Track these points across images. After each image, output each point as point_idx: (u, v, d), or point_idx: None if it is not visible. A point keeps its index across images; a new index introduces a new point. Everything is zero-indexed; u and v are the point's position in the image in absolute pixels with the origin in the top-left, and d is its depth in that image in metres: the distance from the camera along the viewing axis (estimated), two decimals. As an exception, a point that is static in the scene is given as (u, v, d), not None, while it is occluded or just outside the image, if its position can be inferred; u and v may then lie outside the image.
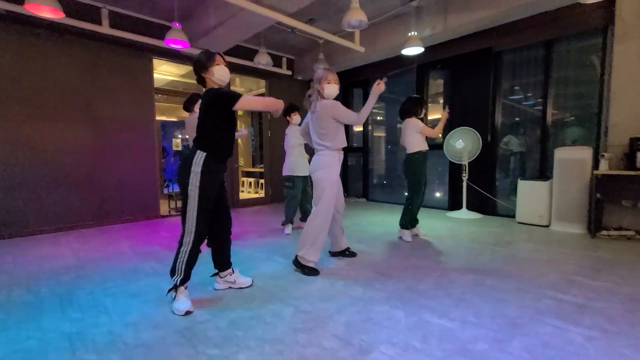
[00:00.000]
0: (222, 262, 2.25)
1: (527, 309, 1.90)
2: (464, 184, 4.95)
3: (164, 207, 5.62)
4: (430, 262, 2.79)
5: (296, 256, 2.61)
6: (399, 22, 4.93)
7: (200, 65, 2.04)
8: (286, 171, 3.98)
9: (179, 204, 5.62)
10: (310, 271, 2.53)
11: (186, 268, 1.96)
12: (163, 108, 7.12)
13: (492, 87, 4.80)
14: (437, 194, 5.71)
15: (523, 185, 4.28)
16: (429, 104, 5.79)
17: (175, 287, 1.96)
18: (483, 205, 4.97)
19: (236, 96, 1.94)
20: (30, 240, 3.78)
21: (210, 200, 2.01)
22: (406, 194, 3.67)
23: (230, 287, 2.28)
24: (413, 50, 4.40)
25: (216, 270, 2.28)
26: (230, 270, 2.28)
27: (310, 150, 2.96)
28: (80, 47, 4.25)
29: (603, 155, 3.59)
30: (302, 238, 2.58)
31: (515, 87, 4.82)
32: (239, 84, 7.04)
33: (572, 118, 4.37)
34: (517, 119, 4.84)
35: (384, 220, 4.59)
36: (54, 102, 4.10)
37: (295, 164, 3.92)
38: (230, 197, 5.71)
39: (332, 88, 2.56)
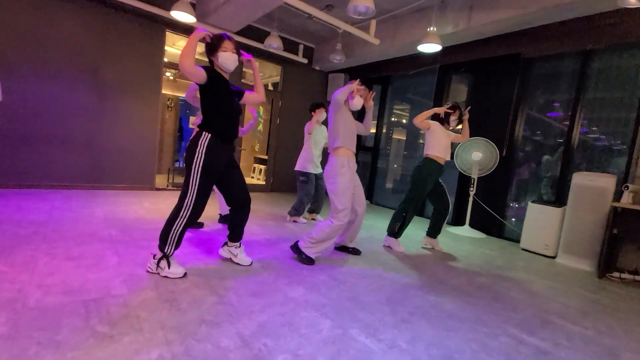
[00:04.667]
0: (233, 235, 2.35)
1: (475, 343, 1.63)
2: (470, 199, 4.57)
3: (161, 181, 5.69)
4: (396, 275, 2.53)
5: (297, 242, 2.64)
6: (421, 17, 4.59)
7: (210, 47, 2.05)
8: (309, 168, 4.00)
9: (177, 179, 5.66)
10: (307, 260, 2.56)
11: (178, 239, 2.03)
12: (181, 85, 7.20)
13: (516, 98, 4.37)
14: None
15: (532, 209, 3.85)
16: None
17: (166, 257, 2.02)
18: (489, 224, 4.56)
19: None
20: (21, 192, 3.91)
21: (211, 179, 2.06)
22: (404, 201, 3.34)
23: (230, 259, 2.39)
24: (430, 47, 4.07)
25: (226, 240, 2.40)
26: (237, 244, 2.37)
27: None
28: (91, 11, 4.32)
29: (627, 187, 3.12)
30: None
31: (542, 101, 4.35)
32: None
33: (603, 142, 3.86)
34: (559, 140, 4.24)
35: (373, 225, 4.33)
36: (61, 61, 4.20)
37: (319, 159, 4.03)
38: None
39: (358, 100, 2.72)
